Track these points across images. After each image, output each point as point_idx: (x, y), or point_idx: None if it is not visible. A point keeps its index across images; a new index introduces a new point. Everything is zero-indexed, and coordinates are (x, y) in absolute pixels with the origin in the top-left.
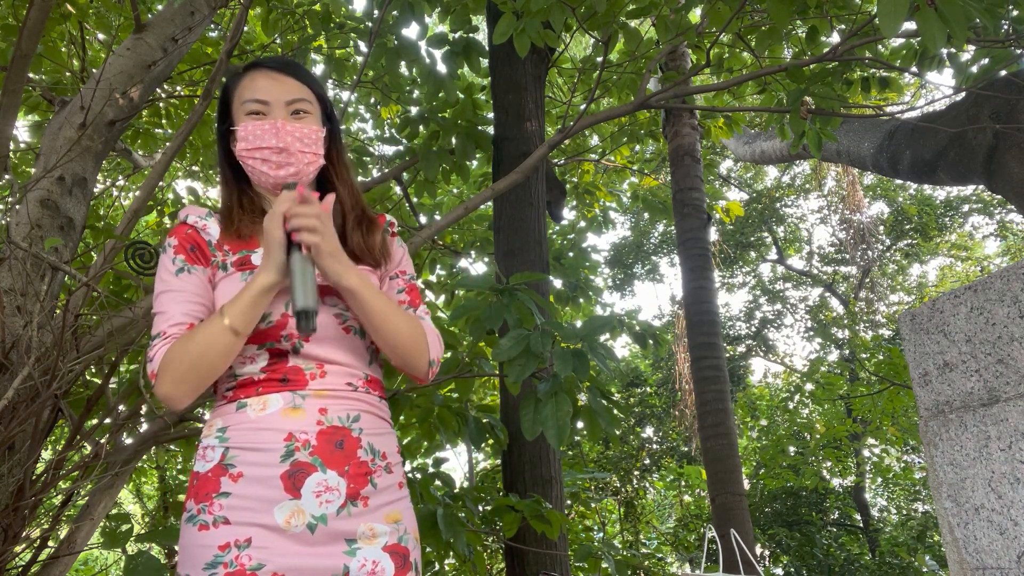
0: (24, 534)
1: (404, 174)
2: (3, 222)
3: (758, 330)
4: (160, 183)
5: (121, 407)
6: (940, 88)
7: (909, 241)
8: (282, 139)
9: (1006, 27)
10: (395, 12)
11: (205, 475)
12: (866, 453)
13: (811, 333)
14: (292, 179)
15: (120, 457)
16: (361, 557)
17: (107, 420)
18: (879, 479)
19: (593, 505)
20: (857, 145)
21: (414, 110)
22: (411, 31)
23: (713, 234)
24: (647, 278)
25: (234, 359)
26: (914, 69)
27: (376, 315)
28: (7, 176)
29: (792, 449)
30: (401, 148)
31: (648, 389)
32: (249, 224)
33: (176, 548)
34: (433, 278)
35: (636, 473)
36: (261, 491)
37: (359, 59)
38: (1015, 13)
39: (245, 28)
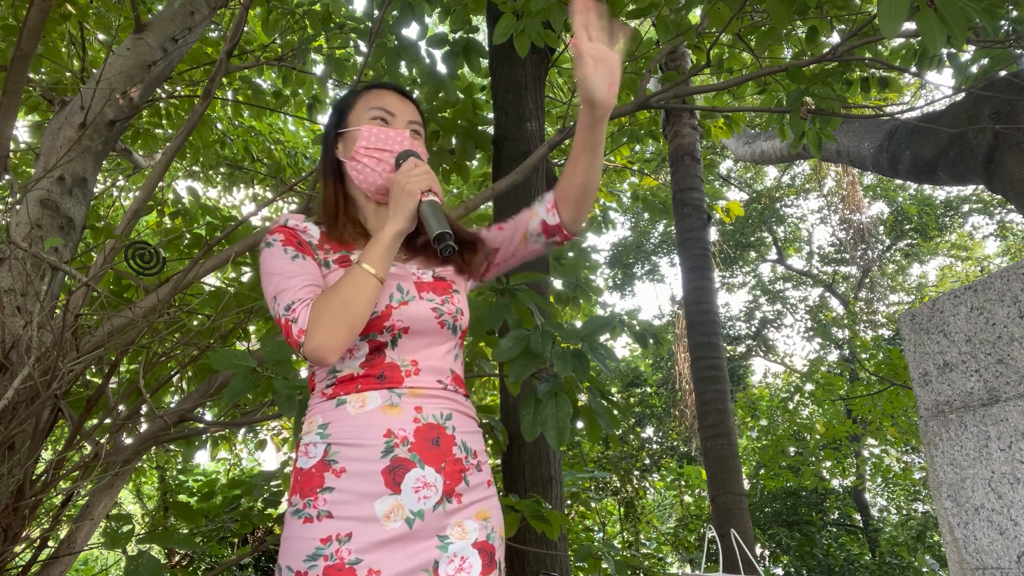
0: (24, 534)
1: None
2: (3, 222)
3: (758, 330)
4: (160, 183)
5: (121, 407)
6: (940, 88)
7: (909, 241)
8: (402, 145)
9: (1006, 27)
10: (395, 12)
11: (309, 471)
12: (866, 453)
13: (811, 333)
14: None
15: (120, 457)
16: (451, 552)
17: (107, 420)
18: (879, 479)
19: (593, 505)
20: (857, 145)
21: None
22: (411, 31)
23: (713, 234)
24: (647, 278)
25: (371, 309)
26: (914, 69)
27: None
28: (7, 176)
29: (792, 449)
30: None
31: (648, 389)
32: (352, 231)
33: (178, 550)
34: None
35: (636, 473)
36: (362, 486)
37: (359, 59)
38: (1015, 13)
39: (245, 28)
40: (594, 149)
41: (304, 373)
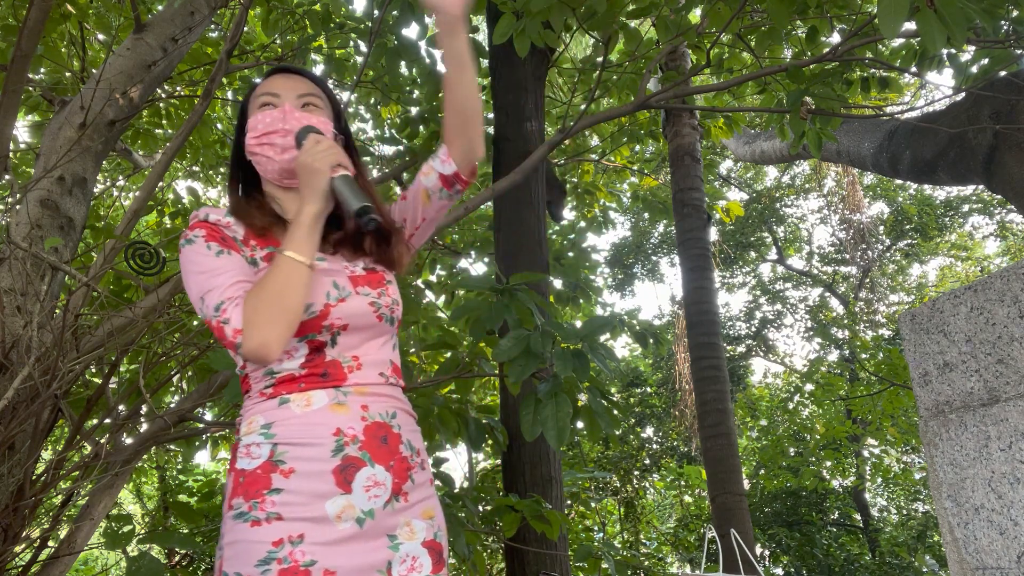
0: (24, 534)
1: (404, 174)
2: (3, 222)
3: (758, 330)
4: (160, 183)
5: (121, 407)
6: (940, 88)
7: (909, 241)
8: (288, 122)
9: (1006, 27)
10: (395, 12)
11: (254, 472)
12: (866, 453)
13: (811, 333)
14: (294, 164)
15: (120, 457)
16: (403, 552)
17: (107, 420)
18: (879, 479)
19: (593, 505)
20: (857, 145)
21: (414, 110)
22: (411, 31)
23: (713, 234)
24: (647, 278)
25: (305, 300)
26: (914, 69)
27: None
28: (7, 176)
29: (792, 450)
30: (401, 148)
31: (648, 389)
32: (270, 223)
33: (178, 549)
34: (433, 278)
35: (636, 473)
36: (313, 486)
37: (359, 59)
38: (1015, 13)
39: (245, 28)
40: (458, 63)
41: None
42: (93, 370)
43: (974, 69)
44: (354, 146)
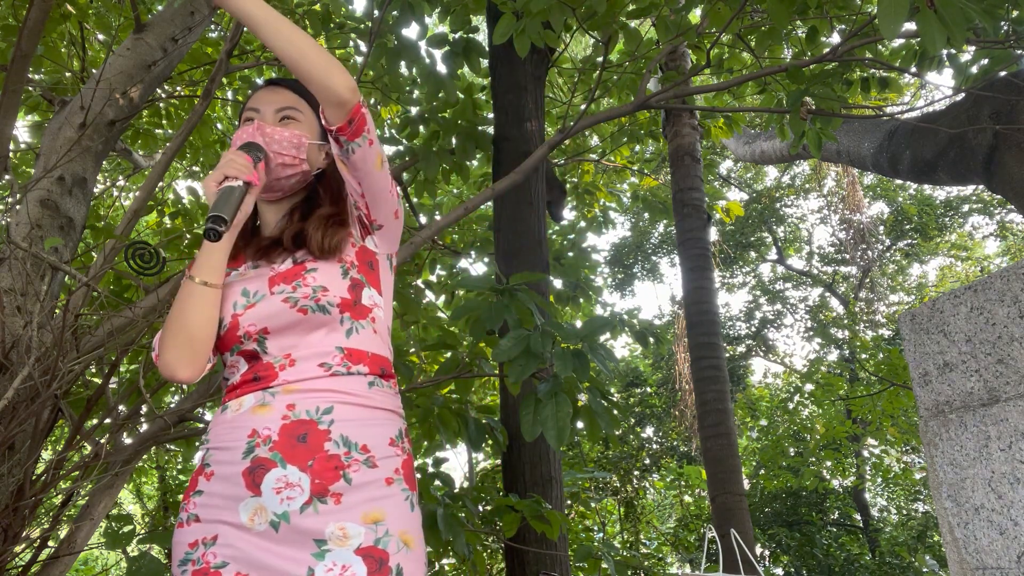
0: (24, 534)
1: (404, 174)
2: (3, 222)
3: (758, 330)
4: (160, 183)
5: (121, 407)
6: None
7: (909, 241)
8: (255, 139)
9: (1006, 28)
10: (395, 12)
11: (193, 475)
12: (866, 453)
13: (811, 333)
14: (265, 179)
15: (120, 457)
16: (329, 560)
17: (107, 420)
18: (879, 479)
19: (593, 505)
20: (857, 145)
21: (414, 110)
22: (411, 31)
23: (713, 234)
24: (647, 278)
25: (211, 318)
26: (914, 69)
27: (272, 29)
28: (7, 176)
29: (792, 450)
30: (401, 148)
31: (648, 389)
32: (243, 246)
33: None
34: (433, 278)
35: (636, 473)
36: (227, 488)
37: (359, 59)
38: (1015, 14)
39: (245, 28)
40: (256, 27)
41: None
42: (93, 370)
43: (974, 69)
44: None
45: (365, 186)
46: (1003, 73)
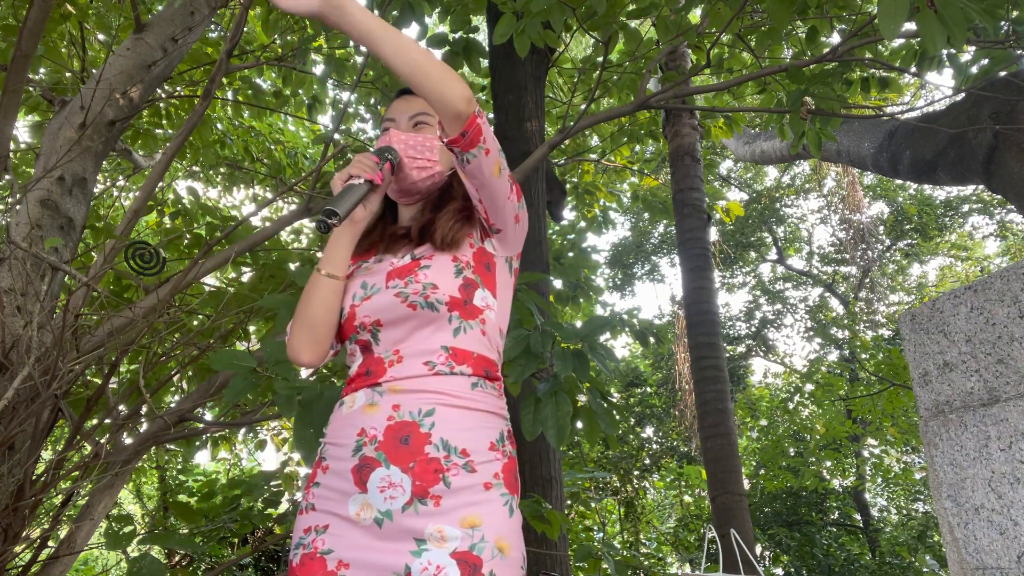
0: (24, 534)
1: None
2: (3, 222)
3: (758, 330)
4: (160, 183)
5: (121, 407)
6: (940, 88)
7: (909, 241)
8: (392, 145)
9: (1006, 28)
10: (395, 12)
11: (313, 466)
12: (866, 453)
13: (811, 333)
14: (404, 185)
15: (120, 457)
16: (425, 559)
17: (107, 420)
18: (879, 479)
19: (593, 505)
20: (857, 145)
21: None
22: (411, 31)
23: (713, 234)
24: (647, 278)
25: (333, 307)
26: (914, 69)
27: (388, 44)
28: (7, 176)
29: (792, 450)
30: None
31: (648, 389)
32: (365, 242)
33: (178, 550)
34: None
35: (636, 473)
36: (339, 483)
37: (359, 59)
38: (1015, 14)
39: (245, 28)
40: (374, 43)
41: (304, 373)
42: (93, 370)
43: (974, 69)
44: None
45: (483, 193)
46: (1003, 73)
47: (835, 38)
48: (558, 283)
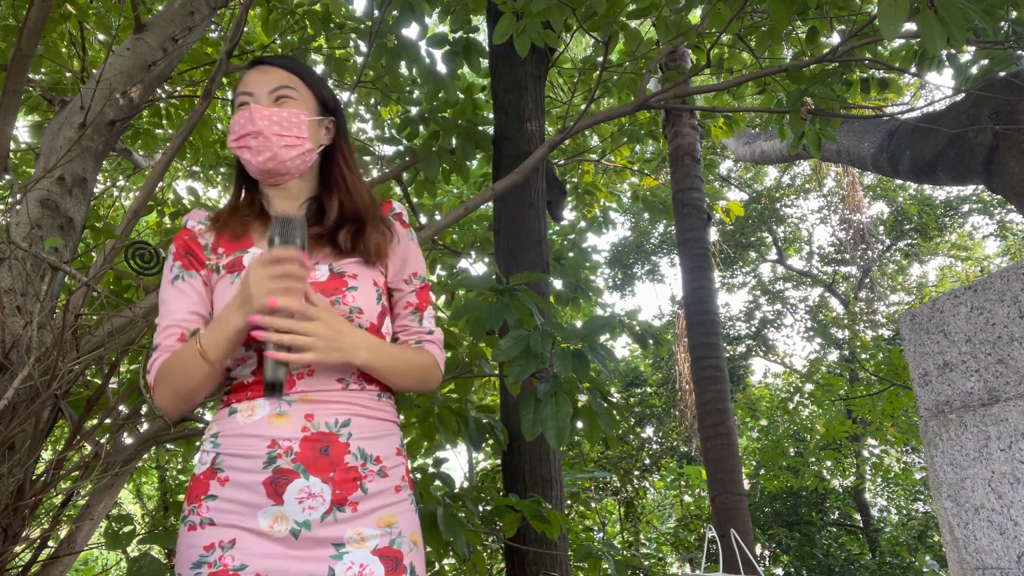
0: (24, 534)
1: (404, 174)
2: (3, 222)
3: (758, 330)
4: (160, 183)
5: (121, 407)
6: (940, 89)
7: (909, 241)
8: (255, 123)
9: (1005, 28)
10: (395, 12)
11: (198, 478)
12: (866, 453)
13: (811, 333)
14: (270, 164)
15: (120, 457)
16: (348, 560)
17: (107, 420)
18: (879, 479)
19: (593, 505)
20: (857, 145)
21: (414, 110)
22: (411, 31)
23: (713, 234)
24: (647, 278)
25: (221, 372)
26: (914, 70)
27: (387, 374)
28: (7, 176)
29: (792, 450)
30: (401, 148)
31: (648, 389)
32: (238, 225)
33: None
34: (433, 278)
35: (636, 473)
36: (245, 496)
37: (359, 59)
38: (1015, 14)
39: (245, 28)
40: (377, 374)
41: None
42: (93, 370)
43: (974, 70)
44: (344, 129)
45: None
46: (1003, 73)
47: (835, 38)
48: (558, 283)
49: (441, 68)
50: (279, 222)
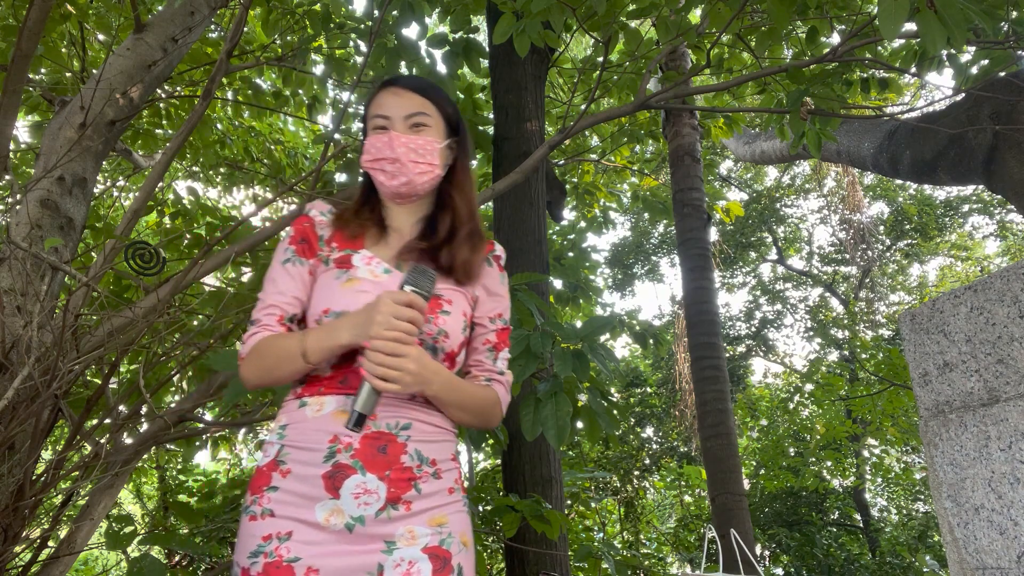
0: (24, 534)
1: None
2: (3, 222)
3: (758, 330)
4: (160, 183)
5: (121, 407)
6: (940, 89)
7: (909, 241)
8: (395, 150)
9: (1005, 28)
10: (395, 12)
11: (261, 469)
12: (866, 453)
13: (811, 333)
14: (404, 188)
15: (120, 457)
16: (397, 556)
17: (107, 420)
18: (879, 479)
19: (593, 505)
20: (857, 145)
21: None
22: (411, 31)
23: (713, 234)
24: (647, 278)
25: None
26: (914, 70)
27: (451, 408)
28: (7, 176)
29: (792, 450)
30: None
31: (648, 389)
32: (358, 227)
33: (177, 550)
34: None
35: (636, 473)
36: (305, 488)
37: (359, 59)
38: (1015, 14)
39: (245, 28)
40: (442, 407)
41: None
42: (93, 370)
43: (974, 70)
44: (466, 147)
45: None
46: (1003, 73)
47: (835, 38)
48: (558, 283)
49: (441, 68)
50: (416, 271)
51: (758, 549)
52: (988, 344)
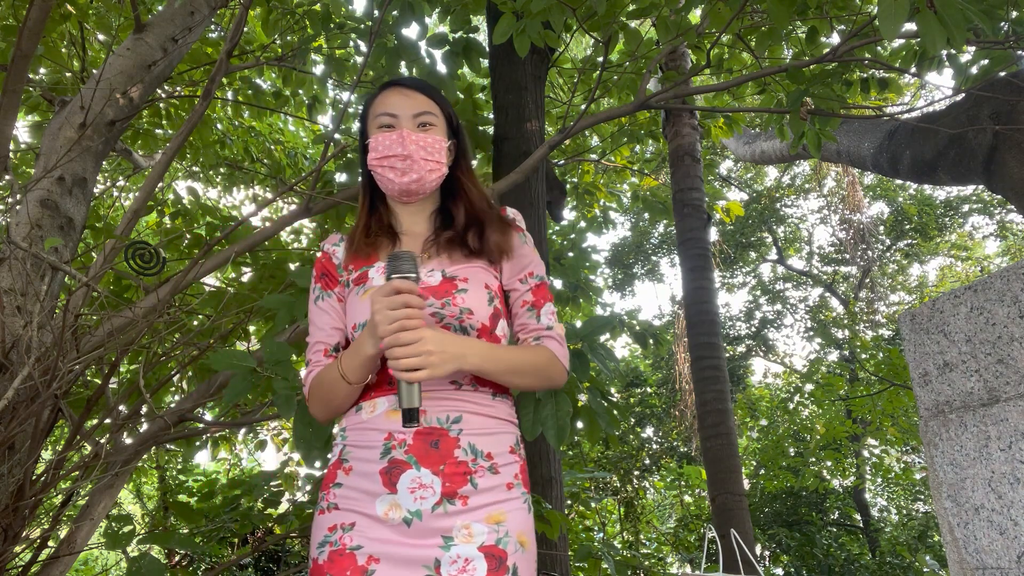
0: (24, 534)
1: None
2: (3, 222)
3: (758, 330)
4: (160, 183)
5: (121, 407)
6: (940, 89)
7: (909, 241)
8: (407, 147)
9: (1005, 28)
10: (395, 12)
11: (329, 468)
12: (866, 453)
13: (811, 333)
14: (414, 185)
15: (120, 457)
16: (454, 553)
17: (107, 420)
18: (879, 479)
19: (593, 505)
20: (857, 145)
21: None
22: (411, 31)
23: (713, 234)
24: (647, 278)
25: (360, 388)
26: (914, 70)
27: (503, 376)
28: (7, 176)
29: (792, 450)
30: None
31: (648, 389)
32: (366, 246)
33: (177, 550)
34: None
35: (636, 473)
36: (366, 484)
37: (359, 59)
38: (1015, 14)
39: (245, 28)
40: (492, 377)
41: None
42: (93, 370)
43: (974, 70)
44: (465, 145)
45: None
46: (1003, 73)
47: (835, 38)
48: (558, 283)
49: (441, 68)
50: (393, 259)
51: (758, 549)
52: (988, 344)
